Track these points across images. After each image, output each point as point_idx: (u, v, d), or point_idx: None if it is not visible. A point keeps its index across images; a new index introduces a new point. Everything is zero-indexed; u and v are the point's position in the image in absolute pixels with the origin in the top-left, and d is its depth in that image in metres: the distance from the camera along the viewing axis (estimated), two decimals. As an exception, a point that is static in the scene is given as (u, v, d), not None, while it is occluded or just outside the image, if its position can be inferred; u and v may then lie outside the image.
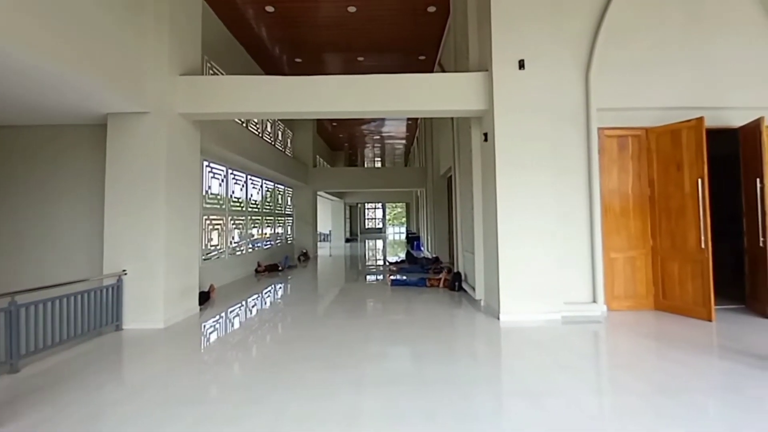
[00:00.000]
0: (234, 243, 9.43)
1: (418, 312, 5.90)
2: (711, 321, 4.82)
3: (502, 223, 5.21)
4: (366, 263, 13.68)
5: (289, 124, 13.96)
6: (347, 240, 25.71)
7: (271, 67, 10.89)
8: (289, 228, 14.32)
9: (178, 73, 5.55)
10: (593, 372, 3.68)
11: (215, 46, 8.12)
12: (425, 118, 13.88)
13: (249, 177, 10.42)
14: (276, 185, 12.82)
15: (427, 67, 10.96)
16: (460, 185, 7.54)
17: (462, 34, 6.90)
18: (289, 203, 14.37)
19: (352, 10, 8.14)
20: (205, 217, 7.99)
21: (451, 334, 4.86)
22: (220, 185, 8.75)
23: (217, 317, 5.81)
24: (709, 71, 5.53)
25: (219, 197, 8.72)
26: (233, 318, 5.86)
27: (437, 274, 8.21)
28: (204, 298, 6.54)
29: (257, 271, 10.16)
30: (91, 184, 5.75)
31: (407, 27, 9.00)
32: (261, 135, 10.69)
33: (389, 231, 37.25)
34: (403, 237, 27.87)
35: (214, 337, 4.98)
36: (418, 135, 18.32)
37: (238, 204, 9.75)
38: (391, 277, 8.58)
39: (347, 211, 27.44)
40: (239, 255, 9.69)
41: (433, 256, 12.36)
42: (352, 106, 5.73)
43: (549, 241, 5.21)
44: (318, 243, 16.36)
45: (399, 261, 12.23)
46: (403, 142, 21.56)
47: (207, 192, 8.11)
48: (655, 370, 3.50)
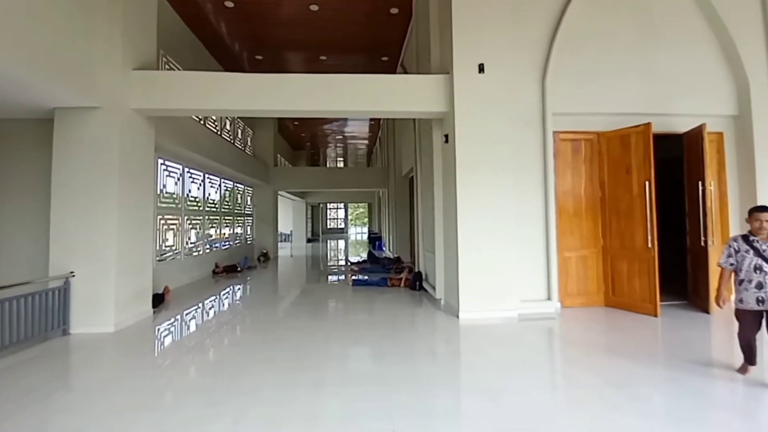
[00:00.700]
0: (190, 243, 9.10)
1: (379, 312, 5.93)
2: (657, 317, 5.12)
3: (462, 224, 5.33)
4: (328, 263, 13.59)
5: (250, 122, 13.63)
6: (309, 240, 25.43)
7: (231, 64, 10.59)
8: (249, 228, 13.98)
9: (131, 67, 5.30)
10: (548, 367, 3.85)
11: (171, 40, 7.81)
12: (388, 118, 13.96)
13: (207, 176, 10.09)
14: (235, 184, 12.48)
15: (390, 68, 11.04)
16: (421, 186, 7.64)
17: (424, 36, 7.00)
18: (249, 203, 14.03)
19: (314, 8, 8.07)
20: (160, 217, 7.66)
21: (412, 333, 4.92)
22: (175, 184, 8.42)
23: (172, 320, 5.60)
24: (657, 79, 5.90)
25: (174, 196, 8.38)
26: (189, 321, 5.66)
27: (398, 273, 8.28)
28: (158, 300, 6.27)
29: (215, 273, 9.85)
30: (38, 181, 5.39)
31: (370, 28, 9.02)
32: (219, 133, 10.38)
33: (351, 231, 37.16)
34: (365, 237, 27.88)
35: (168, 341, 4.79)
36: (380, 135, 18.38)
37: (194, 203, 9.42)
38: (353, 277, 8.57)
39: (309, 211, 27.15)
40: (196, 256, 9.36)
41: (395, 256, 12.45)
42: (314, 105, 5.69)
43: (507, 241, 5.38)
44: (279, 243, 16.09)
45: (361, 261, 12.24)
46: (366, 142, 21.57)
47: (162, 191, 7.78)
48: (605, 364, 3.69)
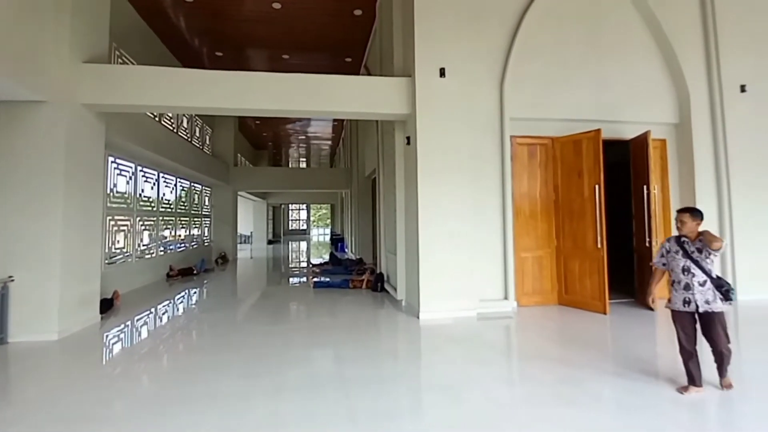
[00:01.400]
0: (143, 245, 8.69)
1: (340, 314, 5.90)
2: (606, 314, 5.38)
3: (423, 225, 5.40)
4: (289, 265, 13.39)
5: (209, 120, 13.21)
6: (270, 242, 24.91)
7: (190, 60, 10.21)
8: (207, 229, 13.53)
9: (81, 60, 5.02)
10: (504, 364, 3.96)
11: (126, 33, 7.43)
12: (351, 119, 13.94)
13: (161, 175, 9.67)
14: (192, 184, 12.05)
15: (354, 70, 11.03)
16: (383, 187, 7.68)
17: (387, 39, 7.06)
18: (207, 203, 13.58)
19: (276, 6, 7.94)
20: (110, 218, 7.27)
21: (373, 334, 4.93)
22: (127, 183, 8.02)
23: (122, 326, 5.33)
24: (606, 88, 6.23)
25: (126, 196, 7.98)
26: (141, 327, 5.41)
27: (360, 275, 8.28)
28: (107, 305, 5.95)
29: (169, 276, 9.44)
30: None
31: (334, 28, 8.97)
32: (176, 130, 10.00)
33: (314, 232, 36.79)
34: (328, 239, 27.68)
35: (118, 348, 4.56)
36: (344, 136, 18.32)
37: (148, 203, 9.00)
38: (314, 279, 8.49)
39: (270, 212, 26.61)
40: (149, 258, 8.95)
41: (357, 257, 12.43)
42: (276, 104, 5.60)
43: (467, 242, 5.50)
44: (238, 245, 15.68)
45: (323, 263, 12.14)
46: (329, 143, 21.41)
47: (112, 190, 7.39)
48: (558, 360, 3.84)
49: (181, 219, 11.15)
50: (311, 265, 11.95)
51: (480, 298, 5.61)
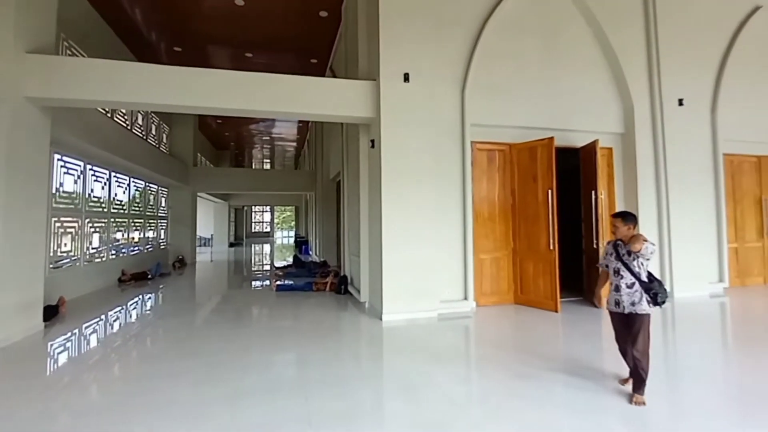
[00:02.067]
0: (92, 249, 8.25)
1: (303, 317, 5.84)
2: (557, 312, 5.64)
3: (386, 228, 5.44)
4: (251, 269, 13.08)
5: (166, 117, 12.72)
6: (231, 244, 24.27)
7: (146, 55, 9.75)
8: (163, 232, 13.01)
9: (24, 50, 4.72)
10: (462, 363, 4.05)
11: (76, 23, 7.05)
12: (316, 121, 13.83)
13: (113, 174, 9.22)
14: (148, 184, 11.56)
15: (320, 71, 10.96)
16: (348, 190, 7.66)
17: (352, 42, 7.06)
18: (164, 204, 13.06)
19: (239, 3, 7.78)
20: (55, 219, 6.85)
21: (336, 337, 4.91)
22: (75, 182, 7.59)
23: (69, 334, 5.04)
24: (559, 98, 6.53)
25: (74, 196, 7.55)
26: (89, 334, 5.13)
27: (324, 278, 8.22)
28: (51, 312, 5.61)
29: (121, 281, 8.99)
30: None
31: (299, 28, 8.89)
32: (130, 127, 9.57)
33: (278, 235, 36.12)
34: (292, 241, 27.28)
35: (64, 358, 4.30)
36: (309, 138, 18.14)
37: (98, 204, 8.56)
38: (277, 283, 8.35)
39: (232, 214, 25.96)
40: (99, 262, 8.50)
41: (321, 260, 12.33)
42: (236, 103, 5.47)
43: (429, 245, 5.59)
44: (198, 248, 15.17)
45: (286, 265, 11.95)
46: (294, 144, 21.12)
47: (58, 190, 6.98)
48: (512, 359, 3.97)
49: (135, 221, 10.67)
50: (274, 268, 11.75)
51: (441, 299, 5.71)
